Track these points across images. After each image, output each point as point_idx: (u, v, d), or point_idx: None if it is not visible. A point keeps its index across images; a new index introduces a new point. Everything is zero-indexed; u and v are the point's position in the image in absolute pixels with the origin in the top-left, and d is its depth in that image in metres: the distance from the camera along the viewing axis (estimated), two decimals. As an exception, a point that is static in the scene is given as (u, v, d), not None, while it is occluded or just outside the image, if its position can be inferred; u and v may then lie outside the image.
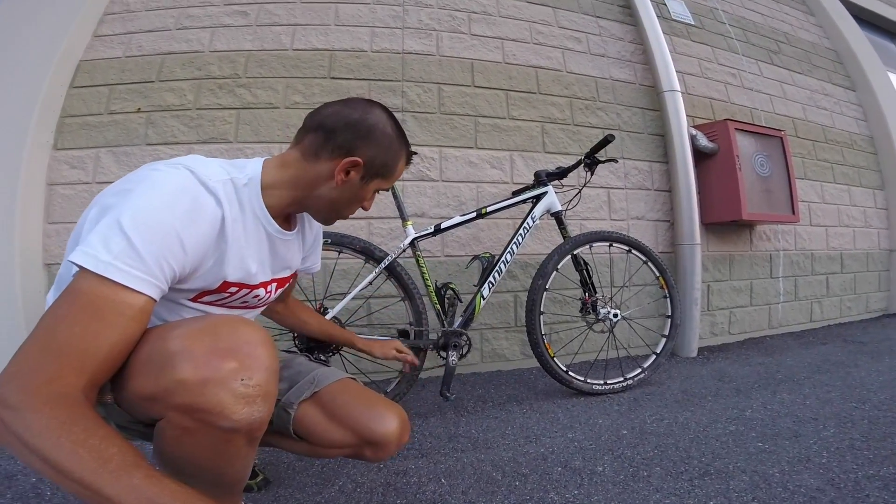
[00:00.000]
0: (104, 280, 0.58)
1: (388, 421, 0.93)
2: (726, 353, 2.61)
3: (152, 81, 2.22)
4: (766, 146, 2.87)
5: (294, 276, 1.06)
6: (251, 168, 0.83)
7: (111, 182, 1.93)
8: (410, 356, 1.40)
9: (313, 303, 1.78)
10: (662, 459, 1.32)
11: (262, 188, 0.83)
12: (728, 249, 2.92)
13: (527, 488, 1.18)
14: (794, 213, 2.89)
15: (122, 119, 2.16)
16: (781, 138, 2.93)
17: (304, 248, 1.05)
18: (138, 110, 2.18)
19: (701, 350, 2.65)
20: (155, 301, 0.64)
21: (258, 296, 0.89)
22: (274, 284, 0.95)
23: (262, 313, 1.19)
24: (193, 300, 0.80)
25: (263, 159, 0.86)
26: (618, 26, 2.94)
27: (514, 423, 1.64)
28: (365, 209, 0.96)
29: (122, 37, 2.29)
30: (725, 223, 2.81)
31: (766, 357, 2.50)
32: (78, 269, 0.59)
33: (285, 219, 0.92)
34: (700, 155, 2.76)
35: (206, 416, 0.61)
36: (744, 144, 2.74)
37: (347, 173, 0.86)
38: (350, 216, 0.95)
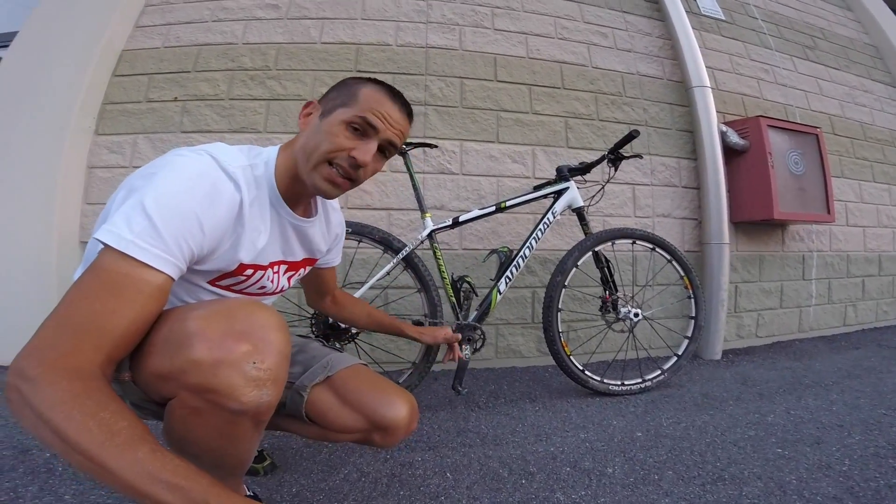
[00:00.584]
0: (125, 257, 0.60)
1: (398, 407, 0.93)
2: (752, 357, 2.51)
3: (188, 72, 2.28)
4: (801, 143, 2.73)
5: (310, 262, 1.05)
6: (266, 154, 0.87)
7: None
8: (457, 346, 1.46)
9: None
10: (675, 463, 1.28)
11: (276, 173, 0.85)
12: (758, 249, 2.80)
13: (533, 487, 1.16)
14: (829, 212, 2.74)
15: (159, 107, 2.23)
16: (817, 136, 2.78)
17: (329, 238, 1.06)
18: (175, 99, 2.24)
19: (725, 352, 2.55)
20: (173, 280, 0.65)
21: (269, 277, 0.90)
22: (283, 266, 0.95)
23: (320, 308, 1.29)
24: (212, 283, 0.82)
25: (279, 146, 0.88)
26: (645, 21, 2.85)
27: (526, 421, 1.62)
28: (358, 160, 0.82)
29: (161, 28, 2.36)
30: (756, 222, 2.69)
31: (794, 361, 2.39)
32: (102, 246, 0.61)
33: (304, 205, 0.94)
34: (730, 152, 2.65)
35: (216, 396, 0.62)
36: (777, 142, 2.62)
37: (308, 116, 0.88)
38: (332, 157, 0.82)
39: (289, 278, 0.99)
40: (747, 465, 1.26)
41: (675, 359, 1.99)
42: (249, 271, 0.84)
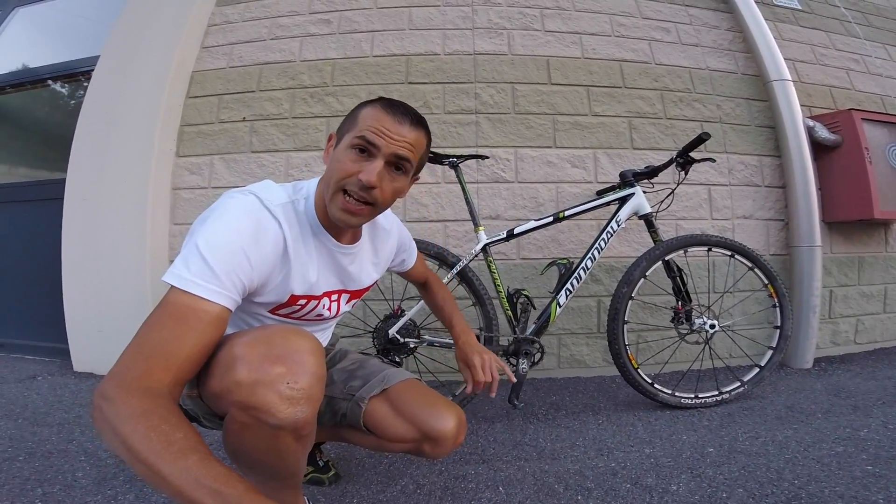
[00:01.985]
0: (187, 294, 0.73)
1: (446, 419, 1.04)
2: (848, 365, 2.39)
3: (253, 91, 2.53)
4: None
5: (369, 289, 1.17)
6: (307, 188, 0.99)
7: (224, 187, 2.32)
8: (476, 379, 1.25)
9: (391, 303, 1.94)
10: (748, 481, 1.28)
11: (315, 204, 0.96)
12: (857, 251, 2.64)
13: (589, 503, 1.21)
14: None
15: (230, 127, 2.49)
16: None
17: (378, 260, 1.16)
18: (243, 119, 2.49)
19: (817, 360, 2.44)
20: (230, 310, 0.78)
21: (326, 306, 1.04)
22: (345, 296, 1.09)
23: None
24: (272, 312, 0.98)
25: (319, 178, 0.99)
26: (711, 14, 2.79)
27: (587, 434, 1.66)
28: (365, 182, 0.86)
29: (224, 48, 2.63)
30: (853, 222, 2.55)
31: (899, 371, 2.24)
32: (169, 286, 0.75)
33: (350, 233, 1.03)
34: (820, 147, 2.54)
35: (256, 412, 0.74)
36: (874, 135, 2.48)
37: (328, 151, 0.97)
38: (343, 184, 0.88)
39: (350, 303, 1.13)
40: (829, 484, 1.24)
41: (756, 370, 1.95)
42: (303, 301, 0.97)
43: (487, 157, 2.10)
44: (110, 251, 2.34)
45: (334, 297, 1.06)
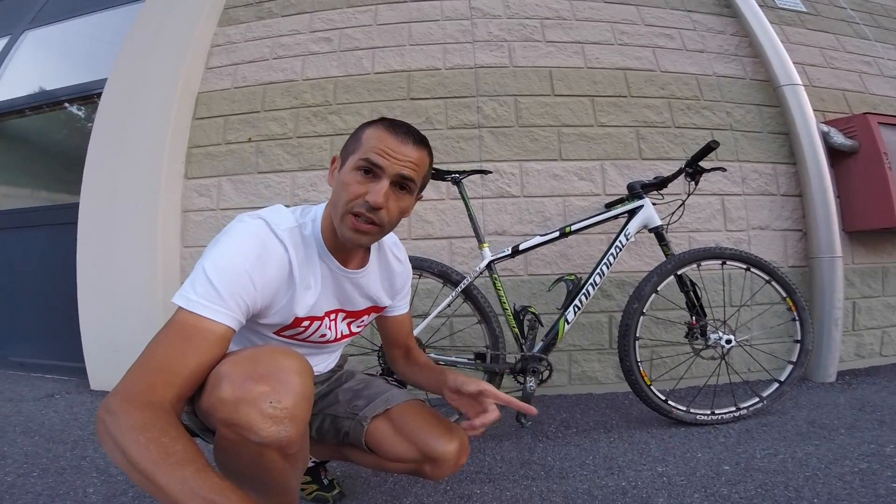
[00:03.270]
0: (192, 314, 0.79)
1: (447, 441, 1.06)
2: (874, 378, 2.35)
3: (258, 111, 2.60)
4: None
5: (375, 310, 1.19)
6: (314, 212, 1.03)
7: (233, 209, 2.43)
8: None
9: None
10: (764, 500, 1.27)
11: (322, 229, 1.01)
12: (880, 261, 2.61)
13: (595, 523, 1.21)
14: None
15: (236, 148, 2.57)
16: None
17: (388, 287, 1.18)
18: (249, 140, 2.57)
19: (841, 374, 2.40)
20: (233, 330, 0.83)
21: (327, 325, 1.07)
22: (342, 314, 1.12)
23: (391, 361, 1.36)
24: (277, 334, 1.02)
25: (326, 202, 1.03)
26: (714, 19, 2.82)
27: (598, 453, 1.66)
28: (372, 203, 0.89)
29: (228, 68, 2.72)
30: (875, 231, 2.52)
31: (930, 384, 2.20)
32: (178, 307, 0.81)
33: (358, 257, 1.07)
34: (836, 154, 2.54)
35: (239, 430, 0.76)
36: (892, 140, 2.46)
37: (333, 174, 1.01)
38: (351, 207, 0.91)
39: (349, 324, 1.15)
40: (851, 502, 1.22)
41: (776, 385, 1.92)
42: (306, 323, 1.01)
43: (491, 172, 2.13)
44: (123, 274, 2.42)
45: (332, 315, 1.09)
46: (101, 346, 2.45)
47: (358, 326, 1.18)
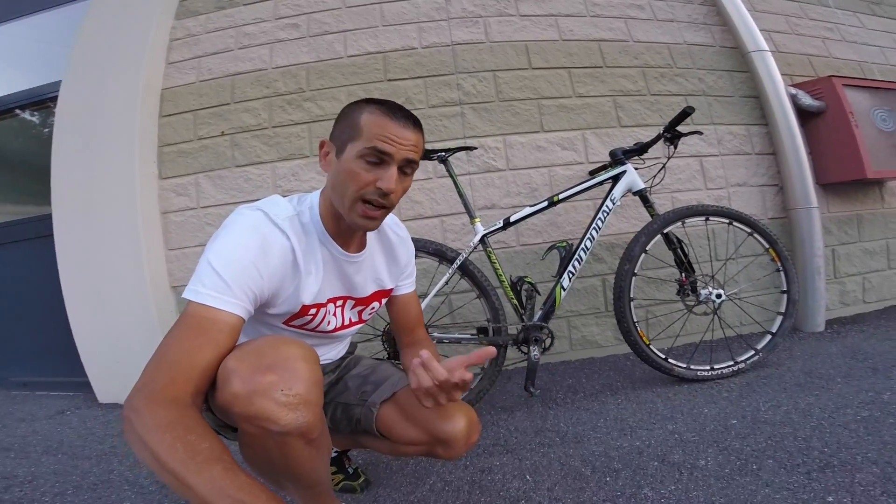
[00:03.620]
0: (204, 306, 0.77)
1: (456, 421, 1.01)
2: (861, 326, 2.37)
3: (228, 104, 2.45)
4: (886, 100, 2.64)
5: (383, 294, 1.15)
6: (310, 199, 1.00)
7: (214, 206, 2.24)
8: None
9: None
10: (776, 451, 1.26)
11: (320, 215, 0.97)
12: (854, 209, 2.66)
13: (618, 484, 1.19)
14: None
15: (210, 143, 2.42)
16: None
17: (392, 268, 1.14)
18: (222, 133, 2.42)
19: (829, 323, 2.42)
20: (243, 319, 0.81)
21: (332, 312, 1.02)
22: (350, 301, 1.07)
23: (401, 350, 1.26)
24: (286, 324, 0.99)
25: (321, 190, 1.01)
26: None
27: (608, 415, 1.64)
28: (384, 189, 0.88)
29: (191, 61, 2.54)
30: (847, 182, 2.58)
31: (913, 328, 2.23)
32: (188, 301, 0.79)
33: (357, 241, 1.04)
34: (805, 114, 2.58)
35: (259, 422, 0.74)
36: (857, 100, 2.54)
37: (326, 157, 0.97)
38: (362, 195, 0.89)
39: (359, 312, 1.11)
40: (860, 450, 1.21)
41: (769, 337, 1.94)
42: (313, 311, 0.98)
43: (476, 148, 2.06)
44: (111, 283, 2.28)
45: (339, 302, 1.05)
46: (102, 359, 2.34)
47: (368, 314, 1.14)
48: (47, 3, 3.08)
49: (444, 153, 1.86)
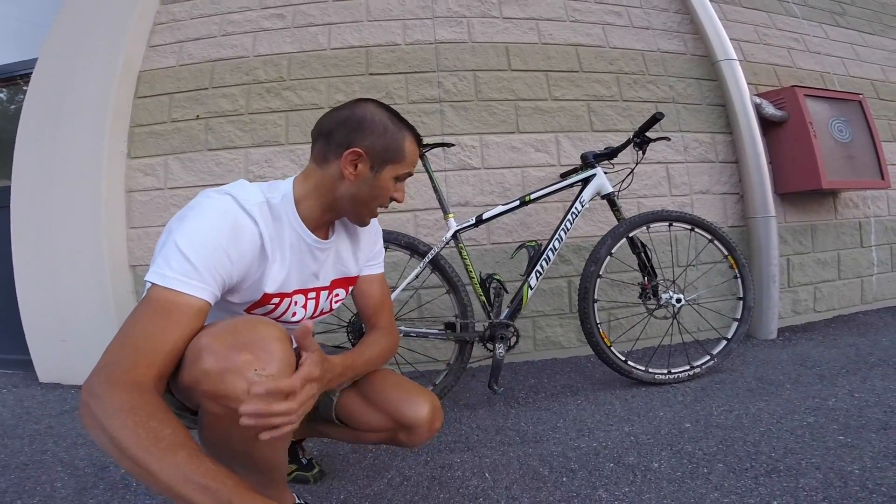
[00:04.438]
0: (170, 290, 0.72)
1: (419, 406, 0.99)
2: (811, 334, 2.40)
3: (206, 88, 2.35)
4: (844, 111, 2.66)
5: (348, 282, 1.09)
6: (283, 186, 0.94)
7: (181, 188, 2.11)
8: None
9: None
10: (727, 455, 1.25)
11: (296, 202, 0.92)
12: (809, 219, 2.68)
13: (574, 485, 1.16)
14: (883, 178, 2.65)
15: (184, 126, 2.31)
16: (860, 102, 2.70)
17: (359, 254, 1.09)
18: (197, 117, 2.32)
19: (781, 331, 2.45)
20: (210, 304, 0.76)
21: (301, 303, 0.97)
22: (314, 293, 1.00)
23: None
24: (247, 311, 0.92)
25: (294, 177, 0.96)
26: None
27: (567, 416, 1.61)
28: (398, 201, 0.99)
29: (173, 46, 2.42)
30: (803, 192, 2.60)
31: (858, 337, 2.28)
32: (150, 284, 0.74)
33: (325, 229, 1.00)
34: (768, 123, 2.59)
35: (227, 401, 0.69)
36: (817, 111, 2.54)
37: (355, 167, 0.91)
38: (383, 209, 0.99)
39: (328, 300, 1.05)
40: (805, 455, 1.21)
41: (724, 343, 1.94)
42: (276, 300, 0.92)
43: (454, 145, 2.01)
44: (66, 259, 2.15)
45: (311, 294, 1.00)
46: (47, 337, 2.19)
47: (335, 302, 1.08)
48: None
49: (421, 148, 1.79)
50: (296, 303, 0.97)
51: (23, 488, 1.27)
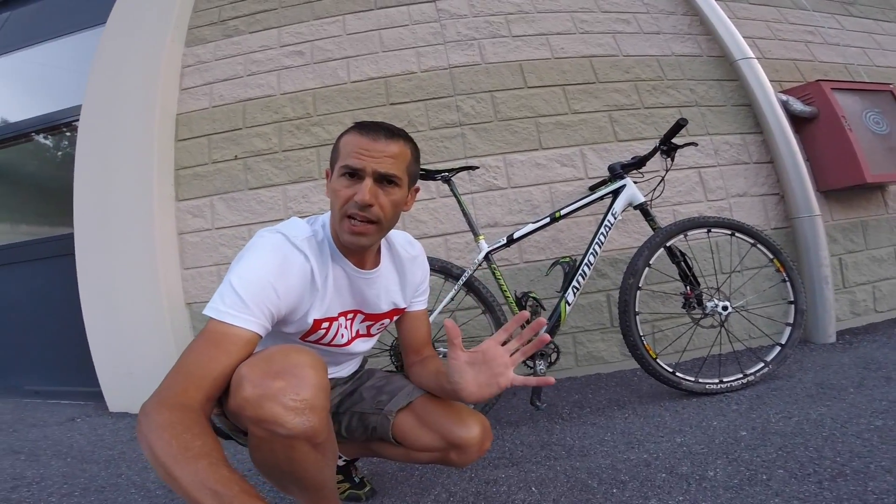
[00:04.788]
0: (222, 323, 0.83)
1: (470, 427, 1.06)
2: (873, 336, 2.30)
3: (240, 129, 2.51)
4: (877, 102, 2.59)
5: (396, 313, 1.17)
6: (323, 219, 1.06)
7: (228, 227, 2.31)
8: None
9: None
10: (787, 461, 1.22)
11: (332, 234, 1.02)
12: (858, 216, 2.59)
13: (625, 495, 1.16)
14: None
15: (224, 167, 2.47)
16: (892, 92, 2.65)
17: (405, 287, 1.17)
18: (235, 157, 2.48)
19: (840, 334, 2.35)
20: (259, 335, 0.86)
21: (344, 325, 1.06)
22: (360, 316, 1.11)
23: (407, 368, 1.23)
24: (302, 339, 1.03)
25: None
26: (663, 0, 2.79)
27: (615, 429, 1.60)
28: (359, 200, 0.91)
29: (203, 88, 2.62)
30: (848, 188, 2.52)
31: (927, 336, 2.16)
32: (209, 318, 0.85)
33: (370, 259, 1.07)
34: (799, 120, 2.54)
35: (267, 425, 0.78)
36: (848, 104, 2.50)
37: (327, 182, 1.03)
38: (344, 211, 0.93)
39: (368, 327, 1.15)
40: (874, 459, 1.17)
41: (778, 349, 1.88)
42: (326, 324, 1.02)
43: (478, 168, 2.07)
44: (127, 300, 2.34)
45: (350, 315, 1.09)
46: (115, 371, 2.38)
47: (377, 329, 1.17)
48: (60, 31, 3.23)
49: (447, 173, 1.88)
50: (343, 326, 1.07)
51: (102, 510, 1.36)
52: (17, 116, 3.18)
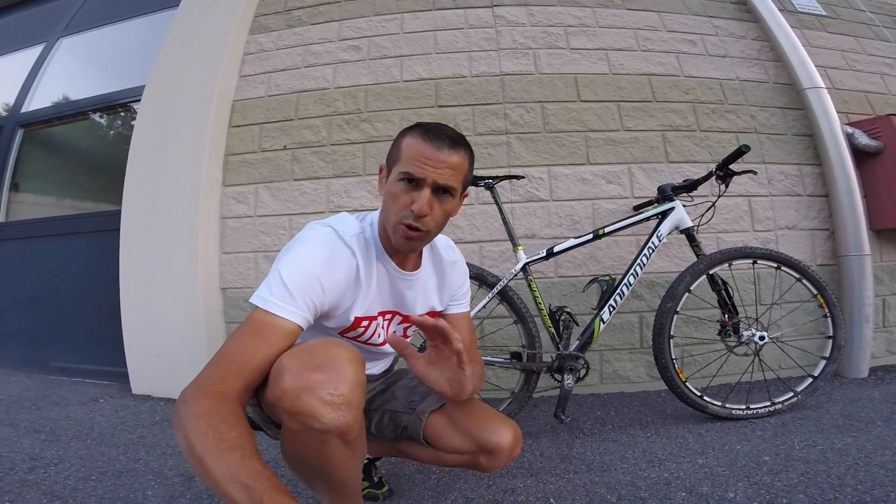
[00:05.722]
0: (267, 313, 0.89)
1: (502, 432, 1.11)
2: (907, 373, 2.37)
3: (292, 119, 2.70)
4: None
5: (431, 315, 1.21)
6: (371, 217, 1.13)
7: (269, 216, 2.55)
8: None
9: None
10: (808, 487, 1.31)
11: (379, 233, 1.09)
12: (908, 259, 2.64)
13: (644, 510, 1.27)
14: None
15: (272, 156, 2.66)
16: None
17: (443, 290, 1.24)
18: (284, 147, 2.67)
19: (874, 370, 2.44)
20: (301, 328, 0.92)
21: (381, 325, 1.14)
22: (398, 317, 1.18)
23: None
24: (341, 335, 1.10)
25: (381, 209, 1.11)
26: (735, 24, 2.89)
27: (636, 447, 1.71)
28: (416, 211, 0.96)
29: (262, 76, 2.82)
30: (902, 228, 2.56)
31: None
32: (254, 306, 0.91)
33: (412, 261, 1.15)
34: (861, 154, 2.58)
35: (303, 418, 0.82)
36: None
37: (380, 181, 1.09)
38: (401, 217, 0.98)
39: (405, 329, 1.22)
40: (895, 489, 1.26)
41: (810, 380, 1.97)
42: (365, 323, 1.09)
43: (523, 177, 2.18)
44: (165, 280, 2.51)
45: (388, 316, 1.15)
46: (143, 352, 2.54)
47: (413, 331, 1.23)
48: (136, 11, 3.46)
49: (491, 180, 1.99)
50: (380, 325, 1.13)
51: (117, 495, 1.45)
52: (79, 95, 3.43)
